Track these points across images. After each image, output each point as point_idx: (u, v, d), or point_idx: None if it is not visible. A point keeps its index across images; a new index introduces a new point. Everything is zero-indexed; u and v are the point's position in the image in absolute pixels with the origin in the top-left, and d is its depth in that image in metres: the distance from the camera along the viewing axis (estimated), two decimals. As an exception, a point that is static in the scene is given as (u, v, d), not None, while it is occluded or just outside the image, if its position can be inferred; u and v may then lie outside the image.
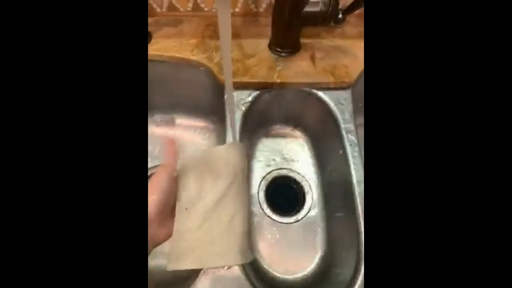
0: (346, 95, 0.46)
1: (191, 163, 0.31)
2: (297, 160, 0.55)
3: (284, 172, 0.54)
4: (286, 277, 0.46)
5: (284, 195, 0.53)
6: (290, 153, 0.55)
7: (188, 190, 0.29)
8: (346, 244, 0.41)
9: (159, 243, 0.28)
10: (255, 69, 0.46)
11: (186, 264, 0.27)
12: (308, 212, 0.50)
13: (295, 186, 0.53)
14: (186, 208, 0.29)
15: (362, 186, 0.39)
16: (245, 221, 0.29)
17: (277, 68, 0.46)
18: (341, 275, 0.38)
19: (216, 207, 0.29)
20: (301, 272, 0.46)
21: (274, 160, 0.55)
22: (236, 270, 0.34)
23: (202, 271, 0.33)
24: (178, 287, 0.34)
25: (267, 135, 0.57)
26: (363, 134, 0.44)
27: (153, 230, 0.26)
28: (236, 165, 0.31)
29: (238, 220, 0.29)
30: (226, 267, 0.33)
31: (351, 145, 0.42)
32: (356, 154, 0.41)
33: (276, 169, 0.54)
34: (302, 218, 0.50)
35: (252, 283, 0.34)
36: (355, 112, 0.45)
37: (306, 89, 0.47)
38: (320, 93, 0.46)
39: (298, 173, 0.53)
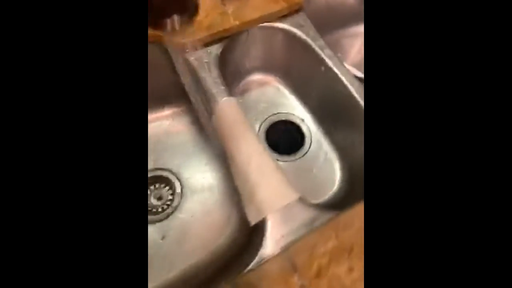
0: (302, 18, 0.46)
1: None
2: (283, 101, 0.54)
3: (275, 118, 0.53)
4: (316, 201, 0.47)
5: (283, 138, 0.53)
6: (273, 97, 0.55)
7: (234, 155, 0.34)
8: (356, 148, 0.44)
9: None
10: (207, 21, 0.42)
11: (263, 213, 0.30)
12: (311, 144, 0.51)
13: (291, 126, 0.53)
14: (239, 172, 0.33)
15: (356, 85, 0.41)
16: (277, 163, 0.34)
17: (229, 11, 0.43)
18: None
19: (260, 159, 0.33)
20: (328, 193, 0.48)
21: (261, 110, 0.53)
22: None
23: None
24: (249, 254, 0.32)
25: (245, 86, 0.55)
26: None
27: None
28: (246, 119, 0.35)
29: (276, 163, 0.33)
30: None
31: (330, 57, 0.43)
32: (338, 63, 0.43)
33: (267, 117, 0.53)
34: (308, 151, 0.51)
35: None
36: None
37: (266, 24, 0.45)
38: (279, 24, 0.46)
39: (289, 113, 0.54)
